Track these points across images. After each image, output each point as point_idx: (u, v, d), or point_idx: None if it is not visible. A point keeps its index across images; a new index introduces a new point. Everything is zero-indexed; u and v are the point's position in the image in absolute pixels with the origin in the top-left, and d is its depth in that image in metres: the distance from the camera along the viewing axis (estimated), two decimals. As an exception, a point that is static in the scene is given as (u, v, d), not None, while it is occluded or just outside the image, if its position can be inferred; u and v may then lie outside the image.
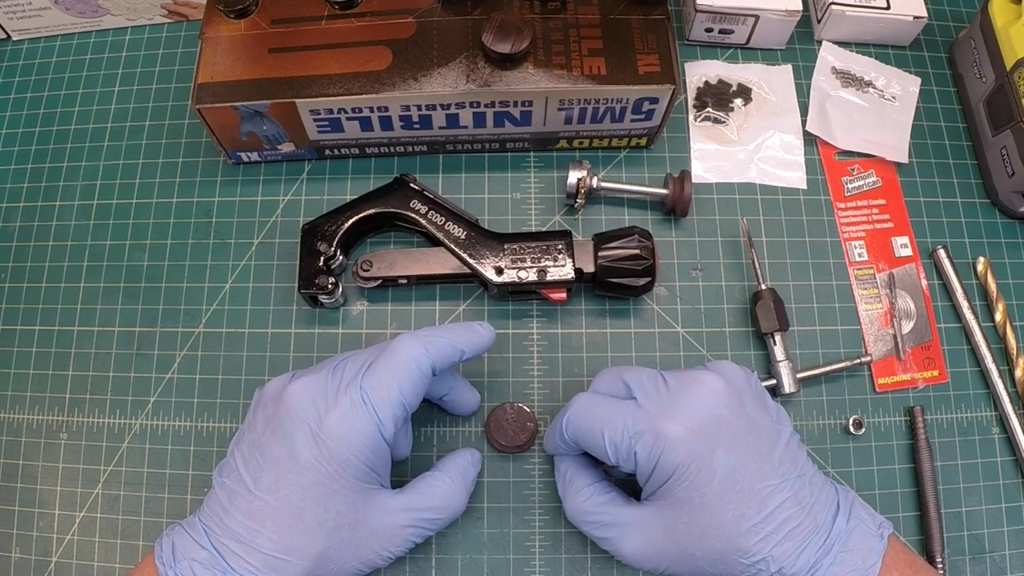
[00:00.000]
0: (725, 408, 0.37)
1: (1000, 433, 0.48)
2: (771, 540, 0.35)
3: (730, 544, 0.35)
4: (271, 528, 0.36)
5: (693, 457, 0.36)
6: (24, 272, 0.51)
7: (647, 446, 0.36)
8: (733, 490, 0.36)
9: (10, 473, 0.47)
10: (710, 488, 0.35)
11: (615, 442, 0.37)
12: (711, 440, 0.36)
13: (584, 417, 0.39)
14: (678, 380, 0.38)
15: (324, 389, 0.38)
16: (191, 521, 0.38)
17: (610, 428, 0.38)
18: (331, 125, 0.48)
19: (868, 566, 0.35)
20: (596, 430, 0.38)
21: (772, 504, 0.35)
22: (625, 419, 0.37)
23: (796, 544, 0.35)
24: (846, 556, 0.35)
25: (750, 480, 0.36)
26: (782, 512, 0.35)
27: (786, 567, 0.35)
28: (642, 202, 0.52)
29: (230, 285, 0.50)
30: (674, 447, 0.36)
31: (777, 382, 0.47)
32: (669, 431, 0.36)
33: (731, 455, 0.36)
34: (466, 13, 0.48)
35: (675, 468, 0.36)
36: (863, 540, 0.36)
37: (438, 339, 0.39)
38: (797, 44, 0.56)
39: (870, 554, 0.36)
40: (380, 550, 0.39)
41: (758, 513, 0.35)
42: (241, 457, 0.38)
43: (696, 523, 0.36)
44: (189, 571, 0.36)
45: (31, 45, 0.58)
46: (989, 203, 0.53)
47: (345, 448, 0.36)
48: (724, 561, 0.36)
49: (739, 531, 0.35)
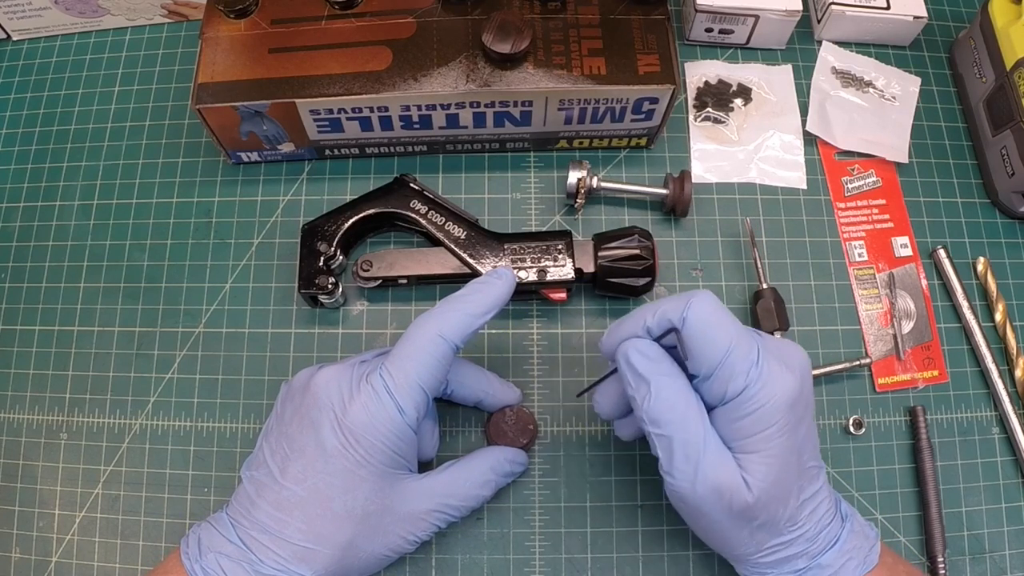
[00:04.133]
0: (811, 381, 0.37)
1: (1000, 433, 0.48)
2: (813, 517, 0.36)
3: (789, 512, 0.35)
4: (299, 518, 0.36)
5: (792, 416, 0.34)
6: (24, 272, 0.51)
7: (765, 384, 0.33)
8: (801, 461, 0.36)
9: (10, 473, 0.47)
10: (793, 454, 0.35)
11: (734, 363, 0.33)
12: (805, 406, 0.35)
13: (716, 316, 0.34)
14: (774, 339, 0.37)
15: (349, 378, 0.38)
16: (218, 516, 0.38)
17: (739, 345, 0.34)
18: (331, 125, 0.48)
19: (871, 545, 0.37)
20: (724, 338, 0.34)
21: (819, 483, 0.37)
22: (752, 348, 0.34)
23: (826, 522, 0.36)
24: (853, 536, 0.37)
25: (811, 455, 0.36)
26: (822, 493, 0.37)
27: (814, 544, 0.36)
28: (642, 202, 0.52)
29: (230, 285, 0.50)
30: (785, 400, 0.34)
31: None
32: (786, 383, 0.34)
33: (808, 427, 0.36)
34: (466, 13, 0.48)
35: (775, 422, 0.33)
36: (862, 525, 0.38)
37: (451, 314, 0.38)
38: (797, 44, 0.56)
39: (869, 536, 0.38)
40: (407, 535, 0.39)
41: (810, 488, 0.36)
42: (268, 449, 0.38)
43: (776, 484, 0.34)
44: (216, 564, 0.36)
45: (31, 45, 0.58)
46: (989, 203, 0.53)
47: (370, 435, 0.36)
48: (772, 528, 0.35)
49: (798, 502, 0.36)
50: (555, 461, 0.46)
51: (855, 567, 0.36)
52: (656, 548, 0.45)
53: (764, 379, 0.33)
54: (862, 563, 0.36)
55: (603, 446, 0.47)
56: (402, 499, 0.38)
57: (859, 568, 0.36)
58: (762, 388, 0.33)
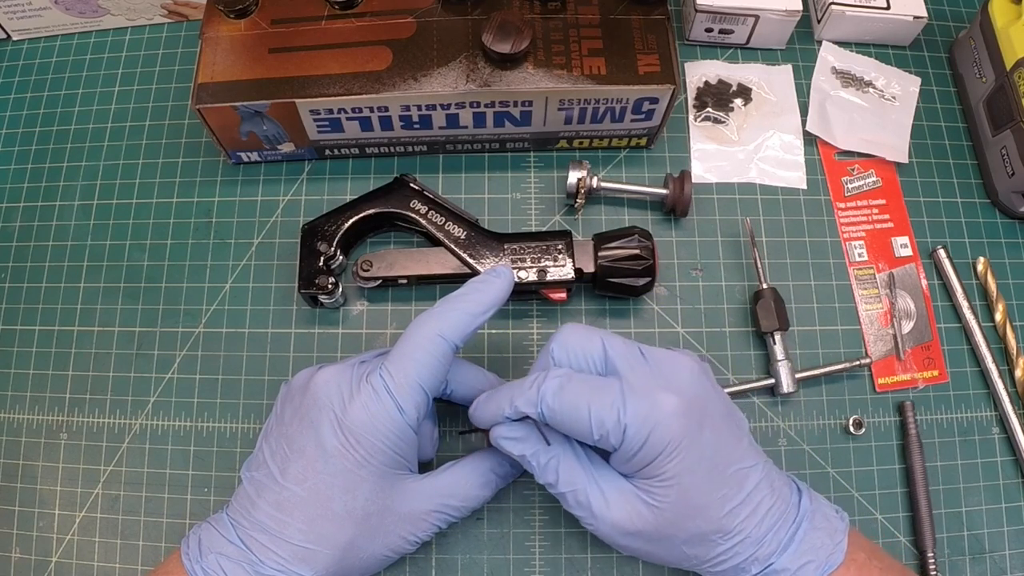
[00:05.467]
0: (705, 387, 0.37)
1: (1000, 433, 0.48)
2: (751, 521, 0.36)
3: (713, 525, 0.35)
4: (299, 518, 0.36)
5: (685, 433, 0.35)
6: (24, 272, 0.51)
7: (639, 420, 0.34)
8: (716, 469, 0.35)
9: (10, 473, 0.47)
10: (700, 467, 0.35)
11: (601, 418, 0.35)
12: (699, 417, 0.35)
13: (566, 394, 0.35)
14: (656, 354, 0.37)
15: (349, 378, 0.38)
16: (218, 517, 0.38)
17: (597, 403, 0.35)
18: (331, 125, 0.48)
19: (835, 543, 0.36)
20: (582, 408, 0.35)
21: (749, 485, 0.36)
22: (613, 393, 0.35)
23: (771, 523, 0.36)
24: (814, 533, 0.36)
25: (729, 461, 0.36)
26: (758, 493, 0.36)
27: (762, 547, 0.36)
28: (642, 202, 0.52)
29: (230, 285, 0.50)
30: (668, 422, 0.34)
31: (776, 381, 0.47)
32: (664, 405, 0.35)
33: (714, 435, 0.36)
34: (466, 13, 0.48)
35: (666, 444, 0.34)
36: (826, 520, 0.37)
37: (451, 314, 0.38)
38: (797, 44, 0.56)
39: (835, 532, 0.37)
40: (407, 535, 0.39)
41: (737, 494, 0.36)
42: (268, 450, 0.38)
43: (684, 502, 0.35)
44: (216, 565, 0.36)
45: (31, 45, 0.58)
46: (989, 203, 0.53)
47: (371, 435, 0.36)
48: (704, 543, 0.36)
49: (722, 512, 0.35)
50: (555, 461, 0.46)
51: (815, 568, 0.35)
52: (656, 548, 0.45)
53: (636, 414, 0.34)
54: (823, 563, 0.36)
55: (603, 446, 0.47)
56: (402, 499, 0.38)
57: (819, 569, 0.35)
58: (638, 423, 0.34)
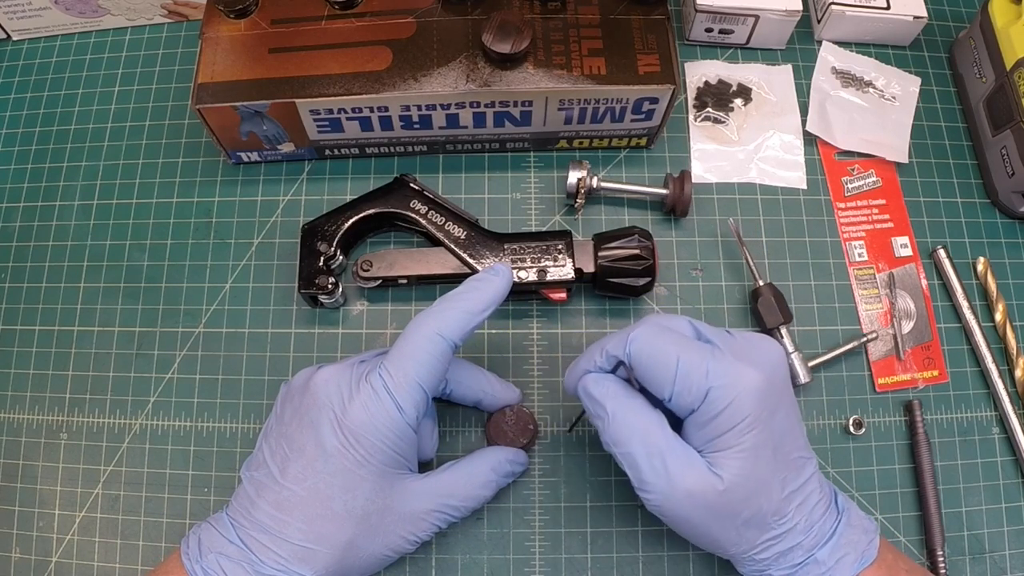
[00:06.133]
0: (786, 372, 0.37)
1: (1000, 433, 0.48)
2: (803, 508, 0.36)
3: (774, 505, 0.35)
4: (299, 518, 0.36)
5: (764, 409, 0.35)
6: (24, 272, 0.51)
7: (724, 386, 0.34)
8: (782, 452, 0.36)
9: (10, 473, 0.47)
10: (769, 446, 0.35)
11: (688, 371, 0.34)
12: (777, 398, 0.36)
13: (657, 340, 0.35)
14: (745, 335, 0.38)
15: (348, 378, 0.38)
16: (218, 516, 0.38)
17: (687, 357, 0.35)
18: (331, 125, 0.48)
19: (869, 540, 0.37)
20: (671, 356, 0.35)
21: (806, 474, 0.37)
22: (704, 353, 0.35)
23: (819, 514, 0.36)
24: (850, 530, 0.37)
25: (792, 447, 0.36)
26: (811, 484, 0.37)
27: (808, 536, 0.36)
28: (642, 202, 0.52)
29: (230, 285, 0.50)
30: (750, 395, 0.34)
31: (791, 373, 0.47)
32: (750, 378, 0.34)
33: (786, 419, 0.36)
34: (466, 13, 0.48)
35: (745, 416, 0.34)
36: (860, 519, 0.38)
37: (449, 312, 0.38)
38: (797, 44, 0.56)
39: (868, 531, 0.37)
40: (407, 535, 0.39)
41: (796, 479, 0.36)
42: (268, 449, 0.38)
43: (752, 478, 0.35)
44: (216, 565, 0.36)
45: (31, 45, 0.58)
46: (989, 203, 0.53)
47: (370, 434, 0.37)
48: (760, 524, 0.36)
49: (783, 494, 0.36)
50: (555, 461, 0.46)
51: (852, 562, 0.36)
52: (656, 548, 0.45)
53: (723, 379, 0.34)
54: (859, 558, 0.36)
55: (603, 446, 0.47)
56: (402, 499, 0.38)
57: (856, 563, 0.36)
58: (723, 387, 0.34)
